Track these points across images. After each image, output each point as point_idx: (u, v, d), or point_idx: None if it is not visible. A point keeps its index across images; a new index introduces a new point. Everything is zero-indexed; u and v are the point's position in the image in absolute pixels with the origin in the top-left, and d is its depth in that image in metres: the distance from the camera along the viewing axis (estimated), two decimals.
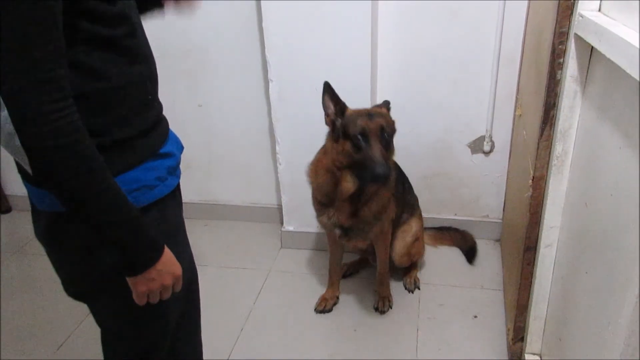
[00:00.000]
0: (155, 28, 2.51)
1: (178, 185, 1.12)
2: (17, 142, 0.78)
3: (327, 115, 1.81)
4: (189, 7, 1.24)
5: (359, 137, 1.70)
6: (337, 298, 2.22)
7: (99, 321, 1.14)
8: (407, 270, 2.31)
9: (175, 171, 1.09)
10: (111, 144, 0.93)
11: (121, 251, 0.91)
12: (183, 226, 1.17)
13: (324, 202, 1.94)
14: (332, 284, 2.22)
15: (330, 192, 1.88)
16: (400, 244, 2.19)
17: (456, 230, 2.54)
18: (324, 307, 2.17)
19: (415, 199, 2.30)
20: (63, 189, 0.84)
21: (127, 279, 0.95)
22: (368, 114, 1.76)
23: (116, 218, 0.88)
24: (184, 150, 1.17)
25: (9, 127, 0.77)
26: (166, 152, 1.05)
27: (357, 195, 1.84)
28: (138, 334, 1.12)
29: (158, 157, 1.03)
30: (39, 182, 0.94)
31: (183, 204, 1.19)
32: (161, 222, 1.05)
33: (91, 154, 0.83)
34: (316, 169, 1.93)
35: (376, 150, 1.68)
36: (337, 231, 1.98)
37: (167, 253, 0.97)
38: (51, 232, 1.01)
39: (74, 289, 1.09)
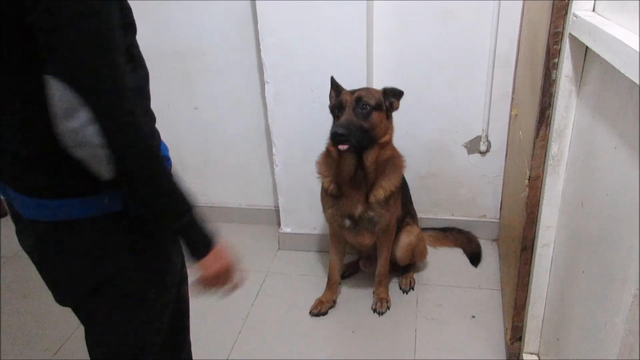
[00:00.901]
0: (151, 30, 2.50)
1: None
2: (100, 152, 0.83)
3: (330, 103, 1.93)
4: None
5: (337, 109, 1.83)
6: (334, 302, 2.21)
7: (87, 325, 1.13)
8: (404, 271, 2.31)
9: None
10: None
11: (189, 237, 1.00)
12: None
13: (332, 191, 1.98)
14: (331, 287, 2.21)
15: (335, 176, 1.95)
16: (405, 240, 2.22)
17: (460, 231, 2.54)
18: (320, 310, 2.16)
19: (414, 210, 2.34)
20: (142, 188, 0.91)
21: (199, 264, 1.02)
22: (353, 90, 1.86)
23: (183, 207, 0.97)
24: (181, 152, 1.17)
25: (98, 140, 0.82)
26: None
27: (363, 177, 1.90)
28: (129, 338, 1.11)
29: None
30: (31, 191, 0.94)
31: None
32: None
33: (161, 155, 0.92)
34: (323, 157, 2.02)
35: (344, 116, 1.78)
36: (347, 222, 2.00)
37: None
38: (44, 242, 1.00)
39: (68, 297, 1.07)
